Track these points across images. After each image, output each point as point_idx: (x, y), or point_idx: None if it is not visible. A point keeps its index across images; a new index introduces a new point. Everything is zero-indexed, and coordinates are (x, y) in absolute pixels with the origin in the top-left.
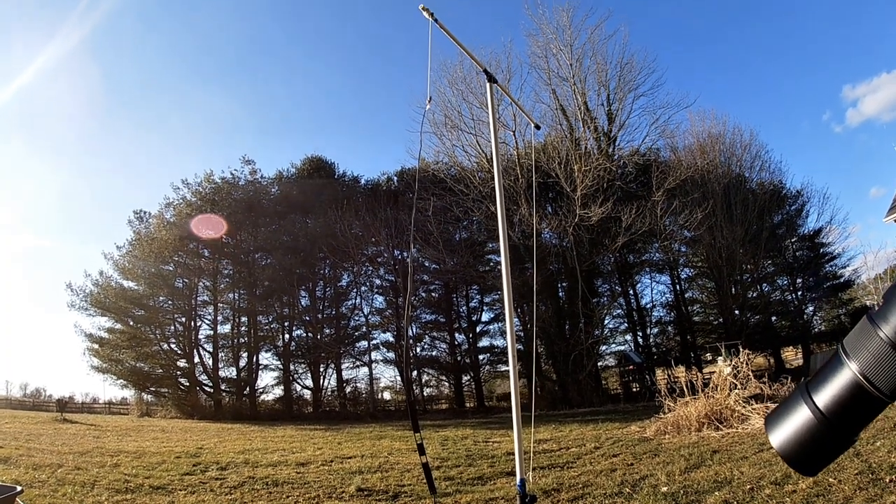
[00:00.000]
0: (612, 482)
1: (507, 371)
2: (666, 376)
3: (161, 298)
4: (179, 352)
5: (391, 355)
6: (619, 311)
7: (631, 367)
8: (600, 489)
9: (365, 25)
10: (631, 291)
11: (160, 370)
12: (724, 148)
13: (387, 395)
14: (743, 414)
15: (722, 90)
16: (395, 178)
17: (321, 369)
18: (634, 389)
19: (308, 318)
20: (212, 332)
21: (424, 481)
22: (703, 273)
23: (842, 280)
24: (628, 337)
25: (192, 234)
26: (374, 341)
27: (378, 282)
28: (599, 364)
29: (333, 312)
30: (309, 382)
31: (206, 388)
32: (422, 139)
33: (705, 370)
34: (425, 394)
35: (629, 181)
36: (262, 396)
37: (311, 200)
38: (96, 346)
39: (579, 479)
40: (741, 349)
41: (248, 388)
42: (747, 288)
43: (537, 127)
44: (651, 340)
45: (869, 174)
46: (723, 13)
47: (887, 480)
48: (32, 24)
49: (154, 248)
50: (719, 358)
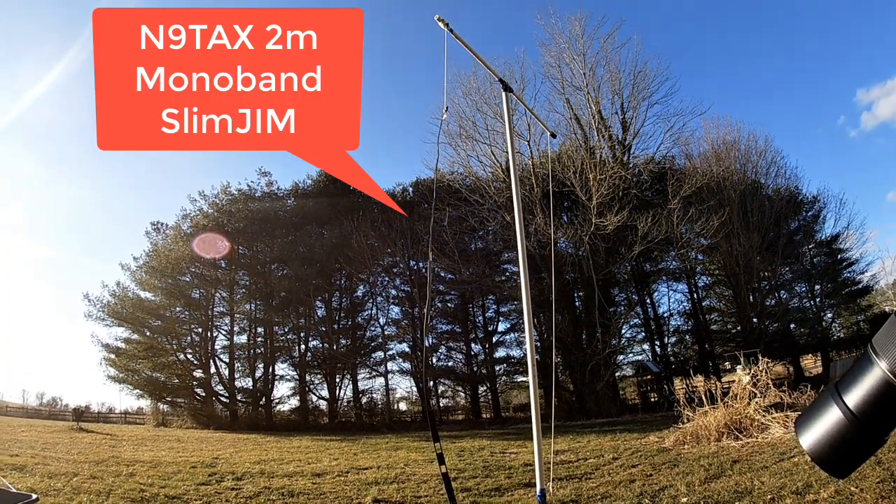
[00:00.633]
0: (631, 493)
1: (524, 382)
2: (684, 386)
3: (178, 309)
4: (196, 362)
5: (407, 366)
6: (636, 320)
7: (649, 376)
8: (619, 500)
9: (379, 36)
10: (648, 300)
11: (176, 380)
12: (740, 154)
13: (403, 406)
14: (763, 423)
15: (735, 97)
16: (410, 189)
17: (337, 380)
18: (652, 399)
19: (324, 329)
20: (228, 343)
21: (441, 493)
22: (720, 281)
23: (860, 286)
24: (646, 346)
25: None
26: (390, 352)
27: (394, 292)
28: (617, 374)
29: (349, 323)
30: (325, 393)
31: (223, 399)
32: (438, 150)
33: (724, 379)
34: (441, 405)
35: (645, 189)
36: (278, 407)
37: (327, 211)
38: (113, 356)
39: (598, 490)
40: (760, 357)
41: (264, 399)
42: (765, 295)
43: (553, 135)
44: (669, 350)
45: (885, 178)
46: (732, 20)
47: None
48: (49, 35)
49: (171, 259)
50: (738, 367)
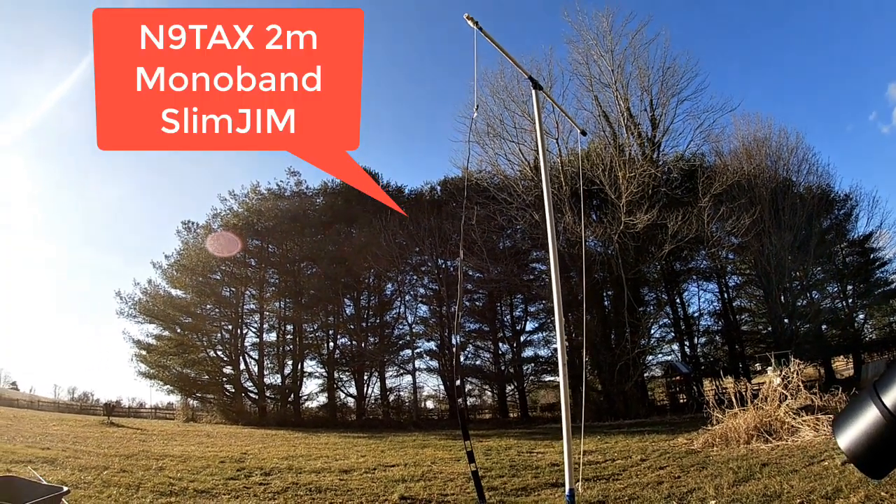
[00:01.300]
0: (658, 495)
1: (551, 381)
2: (714, 387)
3: (208, 306)
4: (225, 359)
5: (434, 364)
6: (665, 320)
7: (678, 377)
8: (647, 502)
9: (409, 35)
10: (677, 300)
11: (206, 376)
12: (771, 151)
13: (430, 404)
14: (793, 426)
15: (765, 93)
16: (438, 188)
17: (365, 377)
18: (682, 400)
19: (352, 327)
20: (258, 340)
21: (468, 490)
22: (751, 281)
23: (893, 286)
24: (675, 346)
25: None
26: (418, 350)
27: (422, 291)
28: (646, 374)
29: (378, 321)
30: (353, 390)
31: (252, 395)
32: (469, 148)
33: (754, 381)
34: (469, 403)
35: (674, 187)
36: (307, 403)
37: (356, 210)
38: (144, 352)
39: (625, 491)
40: (791, 359)
41: (292, 396)
42: (797, 296)
43: (583, 133)
44: (698, 350)
45: None
46: (762, 15)
47: None
48: (66, 41)
49: (202, 257)
50: (769, 368)
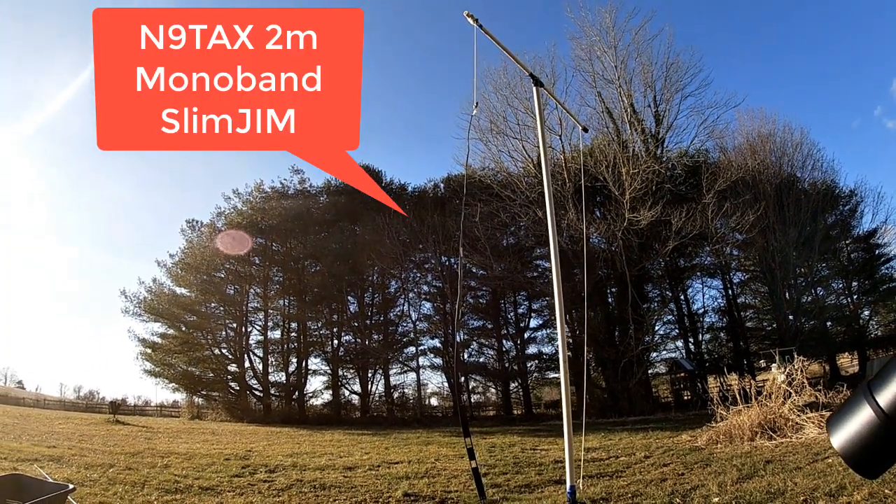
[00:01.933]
0: (662, 492)
1: (555, 378)
2: (718, 384)
3: (213, 305)
4: (230, 357)
5: (438, 361)
6: (669, 317)
7: (682, 374)
8: (650, 499)
9: (412, 32)
10: (682, 297)
11: (211, 374)
12: (775, 147)
13: (434, 402)
14: (797, 423)
15: (769, 88)
16: (442, 185)
17: (369, 375)
18: (686, 397)
19: (356, 325)
20: (262, 338)
21: (471, 488)
22: (755, 277)
23: None
24: (679, 343)
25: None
26: (422, 347)
27: (425, 288)
28: (650, 371)
29: (381, 318)
30: (357, 388)
31: (256, 393)
32: (469, 146)
33: (758, 378)
34: (473, 400)
35: (678, 183)
36: (311, 401)
37: (359, 208)
38: (149, 350)
39: (629, 488)
40: (795, 356)
41: (297, 393)
42: (801, 292)
43: (585, 129)
44: (703, 347)
45: None
46: (765, 9)
47: None
48: (75, 42)
49: (206, 255)
50: (773, 365)
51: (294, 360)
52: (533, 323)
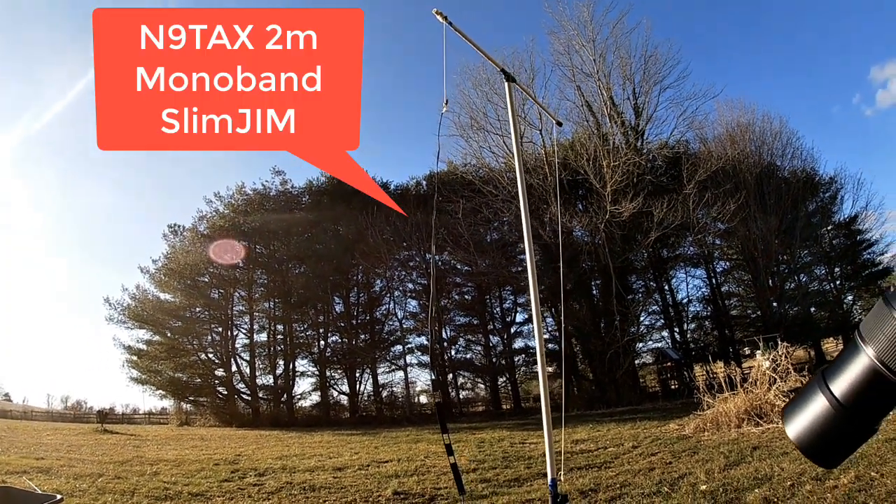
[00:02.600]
0: (650, 481)
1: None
2: (704, 372)
3: (197, 309)
4: (217, 361)
5: (426, 359)
6: (654, 307)
7: (668, 363)
8: (638, 489)
9: (393, 29)
10: (666, 287)
11: (198, 380)
12: (755, 137)
13: (423, 399)
14: None
15: (748, 78)
16: (424, 183)
17: (357, 375)
18: (673, 387)
19: (343, 325)
20: (248, 341)
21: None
22: (738, 265)
23: (880, 267)
24: (665, 333)
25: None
26: (409, 345)
27: (411, 286)
28: (636, 362)
29: (368, 318)
30: (345, 388)
31: (244, 396)
32: (439, 143)
33: (744, 365)
34: (461, 396)
35: (659, 175)
36: (300, 403)
37: (342, 208)
38: (135, 358)
39: (617, 478)
40: (780, 342)
41: (285, 395)
42: (784, 279)
43: (559, 123)
44: (688, 336)
45: None
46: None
47: None
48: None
49: (189, 260)
50: (758, 352)
51: (281, 362)
52: (519, 317)
